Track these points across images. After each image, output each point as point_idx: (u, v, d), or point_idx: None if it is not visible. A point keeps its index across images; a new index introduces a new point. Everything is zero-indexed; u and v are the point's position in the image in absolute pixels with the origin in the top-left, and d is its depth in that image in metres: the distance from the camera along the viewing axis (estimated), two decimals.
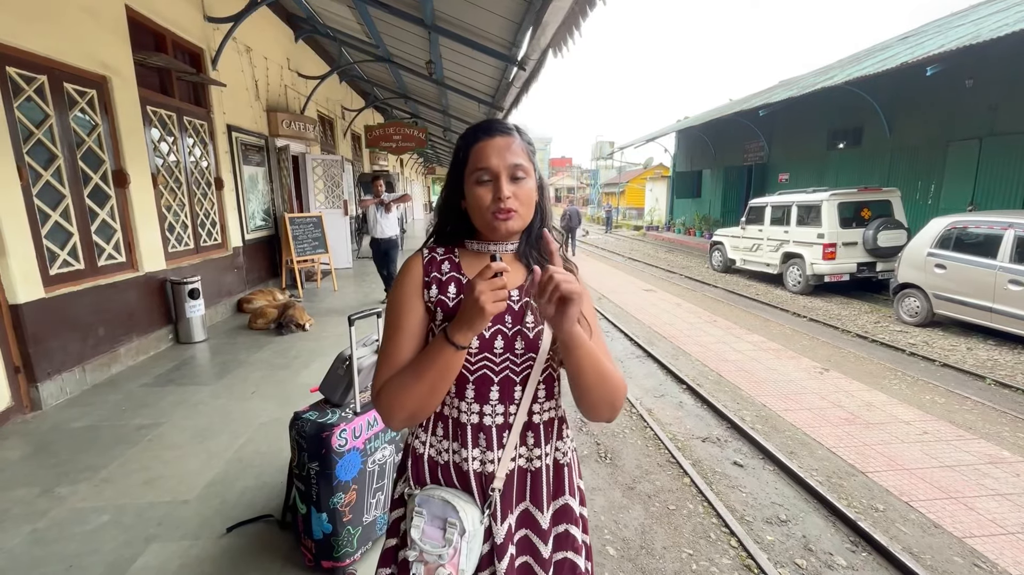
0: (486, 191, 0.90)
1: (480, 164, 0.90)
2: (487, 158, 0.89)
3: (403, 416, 0.88)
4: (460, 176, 0.95)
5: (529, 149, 0.94)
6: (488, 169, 0.89)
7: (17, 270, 3.20)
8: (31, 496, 2.42)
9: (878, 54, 11.44)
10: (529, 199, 0.93)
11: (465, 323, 0.81)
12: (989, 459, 3.14)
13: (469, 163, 0.92)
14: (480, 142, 0.91)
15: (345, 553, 1.89)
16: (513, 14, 4.86)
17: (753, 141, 15.33)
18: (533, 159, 0.95)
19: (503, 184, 0.89)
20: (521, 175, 0.91)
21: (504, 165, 0.89)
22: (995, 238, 5.48)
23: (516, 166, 0.90)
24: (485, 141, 0.91)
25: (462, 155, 0.94)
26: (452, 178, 0.97)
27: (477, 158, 0.91)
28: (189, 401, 3.51)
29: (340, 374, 1.97)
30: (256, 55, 6.74)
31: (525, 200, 0.92)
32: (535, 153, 0.97)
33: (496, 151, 0.90)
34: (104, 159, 4.03)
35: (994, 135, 8.68)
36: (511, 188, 0.89)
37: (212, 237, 5.74)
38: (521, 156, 0.91)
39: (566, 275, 0.78)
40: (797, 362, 4.98)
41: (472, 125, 0.97)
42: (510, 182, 0.90)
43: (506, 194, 0.88)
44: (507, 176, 0.89)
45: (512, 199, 0.89)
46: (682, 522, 2.57)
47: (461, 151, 0.94)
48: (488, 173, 0.90)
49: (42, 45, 3.41)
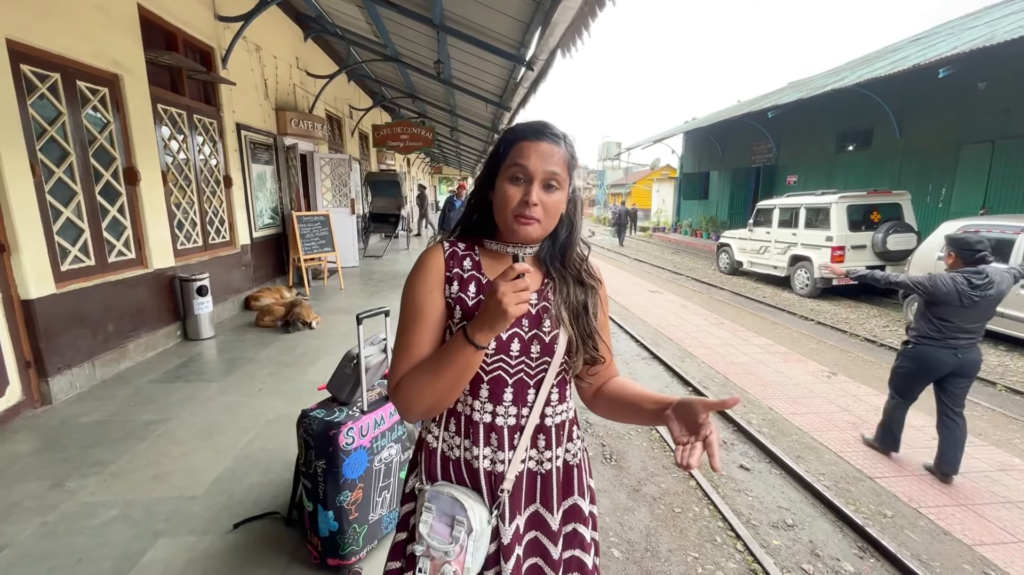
0: (516, 190, 0.89)
1: (518, 161, 0.89)
2: (526, 158, 0.88)
3: (421, 410, 0.89)
4: (495, 168, 0.93)
5: (571, 162, 0.93)
6: (524, 168, 0.88)
7: (29, 266, 3.23)
8: (41, 490, 2.44)
9: (889, 55, 11.35)
10: (556, 210, 0.91)
11: (487, 324, 0.80)
12: (1000, 466, 3.10)
13: (508, 158, 0.90)
14: (526, 141, 0.89)
15: (351, 551, 1.90)
16: (522, 14, 4.85)
17: (761, 142, 15.24)
18: (571, 172, 0.93)
19: (534, 189, 0.88)
20: (554, 184, 0.90)
21: (541, 170, 0.88)
22: (1007, 243, 5.41)
23: (552, 174, 0.88)
24: (530, 142, 0.89)
25: (503, 149, 0.92)
26: (488, 169, 0.95)
27: (517, 154, 0.89)
28: (197, 397, 3.54)
29: (347, 372, 1.97)
30: (266, 54, 6.77)
31: (551, 211, 0.91)
32: (575, 167, 0.95)
33: (537, 154, 0.88)
34: (115, 156, 4.06)
35: (1007, 138, 8.57)
36: (541, 195, 0.88)
37: (220, 235, 5.78)
38: (560, 166, 0.89)
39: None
40: (804, 365, 4.95)
41: (523, 122, 0.95)
42: (542, 189, 0.89)
43: (534, 200, 0.87)
44: (540, 182, 0.88)
45: (538, 207, 0.88)
46: (688, 525, 2.56)
47: (504, 145, 0.92)
48: (523, 173, 0.88)
49: (56, 43, 3.45)
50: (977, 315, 2.84)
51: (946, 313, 2.86)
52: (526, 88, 6.72)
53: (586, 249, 1.03)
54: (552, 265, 0.99)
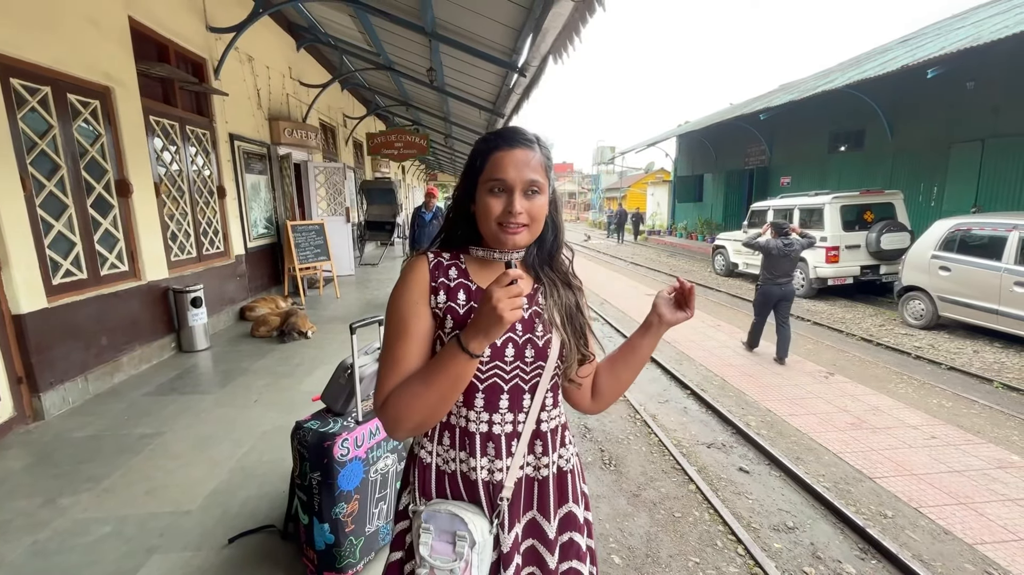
0: (497, 202, 0.88)
1: (496, 175, 0.88)
2: (504, 170, 0.87)
3: (410, 426, 0.86)
4: (474, 180, 0.93)
5: (547, 163, 0.93)
6: (503, 181, 0.87)
7: (20, 280, 3.21)
8: (33, 507, 2.41)
9: (878, 57, 11.45)
10: (540, 214, 0.91)
11: (481, 331, 0.79)
12: (998, 463, 3.10)
13: (485, 171, 0.90)
14: (500, 151, 0.89)
15: (348, 564, 1.87)
16: (513, 21, 4.88)
17: (754, 145, 15.34)
18: (549, 174, 0.93)
19: (516, 199, 0.87)
20: (536, 191, 0.89)
21: (520, 180, 0.87)
22: (1000, 240, 5.45)
23: (531, 182, 0.88)
24: (505, 151, 0.88)
25: (480, 162, 0.91)
26: (466, 181, 0.95)
27: (494, 167, 0.88)
28: (191, 410, 3.51)
29: (342, 383, 1.96)
30: (258, 64, 6.78)
31: (536, 215, 0.90)
32: (552, 168, 0.95)
33: (514, 164, 0.87)
34: (107, 169, 4.04)
35: (996, 137, 8.65)
36: (523, 203, 0.88)
37: (215, 245, 5.75)
38: (538, 172, 0.89)
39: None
40: (801, 366, 4.95)
41: (494, 131, 0.95)
42: (524, 197, 0.88)
43: (518, 210, 0.87)
44: (521, 191, 0.88)
45: (523, 215, 0.88)
46: (688, 529, 2.54)
47: (479, 157, 0.92)
48: (503, 185, 0.88)
49: (46, 56, 3.44)
50: (788, 265, 4.96)
51: (772, 263, 4.98)
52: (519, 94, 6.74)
53: (569, 252, 1.05)
54: (541, 269, 1.00)
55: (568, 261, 1.04)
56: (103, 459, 2.85)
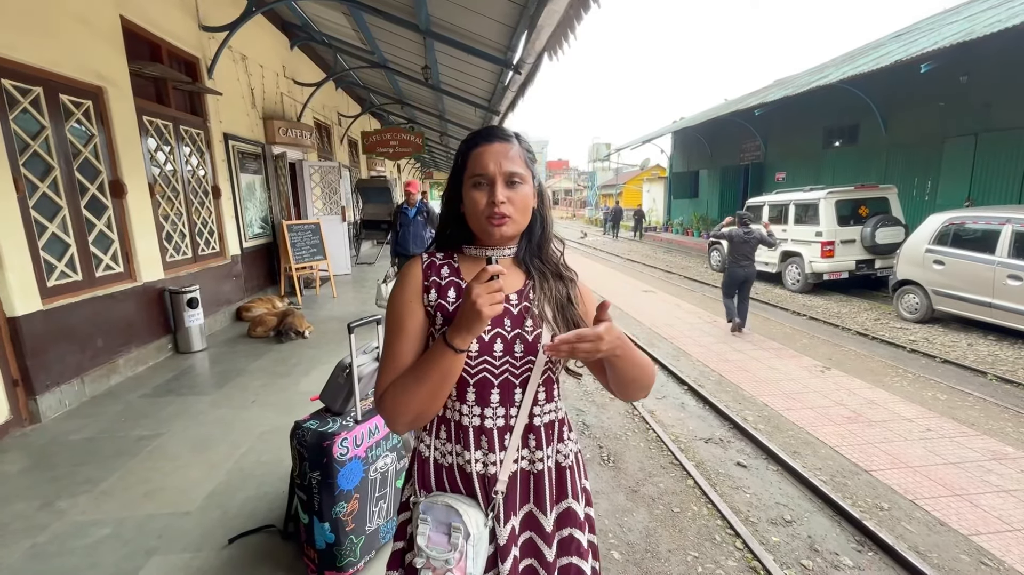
0: (482, 195, 0.92)
1: (477, 169, 0.92)
2: (484, 163, 0.91)
3: (406, 420, 0.90)
4: (460, 181, 0.97)
5: (528, 156, 0.96)
6: (484, 174, 0.91)
7: (14, 282, 3.19)
8: (31, 510, 2.40)
9: (872, 52, 11.48)
10: (525, 205, 0.94)
11: (463, 327, 0.82)
12: (993, 455, 3.13)
13: (468, 168, 0.94)
14: (479, 147, 0.93)
15: (348, 563, 1.88)
16: (508, 18, 4.87)
17: (749, 141, 15.37)
18: (532, 167, 0.97)
19: (498, 189, 0.90)
20: (517, 181, 0.92)
21: (500, 171, 0.91)
22: (993, 233, 5.49)
23: (511, 172, 0.91)
24: (483, 147, 0.92)
25: (461, 160, 0.96)
26: (452, 183, 0.99)
27: (475, 163, 0.92)
28: (189, 411, 3.50)
29: (340, 382, 1.95)
30: (252, 63, 6.74)
31: (520, 206, 0.93)
32: (535, 161, 0.99)
33: (493, 157, 0.91)
34: (101, 170, 4.02)
35: (989, 131, 8.70)
36: (506, 193, 0.91)
37: (210, 246, 5.73)
38: (518, 163, 0.92)
39: (581, 338, 0.80)
40: (798, 361, 4.97)
41: (473, 131, 0.99)
42: (505, 187, 0.91)
43: (500, 199, 0.90)
44: (503, 181, 0.91)
45: (507, 204, 0.91)
46: (687, 524, 2.55)
47: (461, 156, 0.96)
48: (484, 178, 0.91)
49: (37, 57, 3.41)
50: (747, 250, 5.73)
51: (735, 249, 5.79)
52: (514, 91, 6.73)
53: (560, 244, 1.06)
54: (531, 263, 1.01)
55: (559, 252, 1.05)
56: (100, 461, 2.84)
